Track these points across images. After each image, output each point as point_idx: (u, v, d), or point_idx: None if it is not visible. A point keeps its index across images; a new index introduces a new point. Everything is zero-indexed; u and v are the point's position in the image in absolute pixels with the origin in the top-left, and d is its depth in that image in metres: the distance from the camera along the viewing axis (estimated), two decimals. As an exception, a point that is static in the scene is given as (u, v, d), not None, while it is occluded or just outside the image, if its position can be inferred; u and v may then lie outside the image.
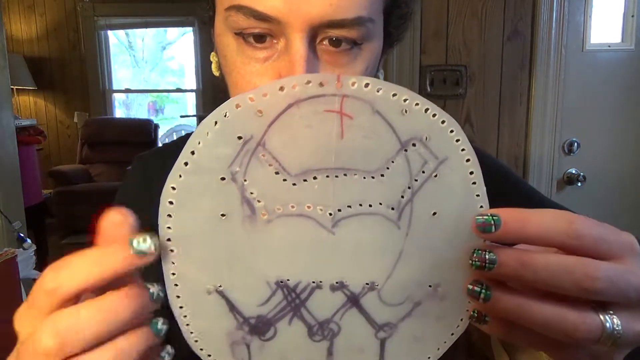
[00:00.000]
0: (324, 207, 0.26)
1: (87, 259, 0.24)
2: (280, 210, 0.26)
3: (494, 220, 0.24)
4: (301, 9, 0.35)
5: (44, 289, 0.24)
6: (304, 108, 0.24)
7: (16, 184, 1.98)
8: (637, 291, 0.25)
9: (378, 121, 0.25)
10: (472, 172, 0.26)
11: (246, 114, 0.24)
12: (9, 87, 2.02)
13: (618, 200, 1.65)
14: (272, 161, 0.25)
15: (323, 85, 0.24)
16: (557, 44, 1.50)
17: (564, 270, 0.23)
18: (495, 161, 0.58)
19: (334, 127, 0.25)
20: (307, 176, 0.26)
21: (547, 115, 1.53)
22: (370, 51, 0.40)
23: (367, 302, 0.28)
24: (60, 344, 0.23)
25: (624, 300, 0.25)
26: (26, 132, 2.44)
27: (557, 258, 0.24)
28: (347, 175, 0.26)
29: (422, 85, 1.53)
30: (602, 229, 0.25)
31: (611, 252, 0.25)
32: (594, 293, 0.24)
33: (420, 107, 0.25)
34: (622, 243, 0.25)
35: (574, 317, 0.24)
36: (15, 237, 1.84)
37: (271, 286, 0.27)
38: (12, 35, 4.17)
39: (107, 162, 4.11)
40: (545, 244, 0.25)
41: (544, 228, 0.24)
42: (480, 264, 0.25)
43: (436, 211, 0.26)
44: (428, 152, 0.26)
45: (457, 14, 1.50)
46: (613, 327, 0.24)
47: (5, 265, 0.70)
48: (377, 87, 0.25)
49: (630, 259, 0.25)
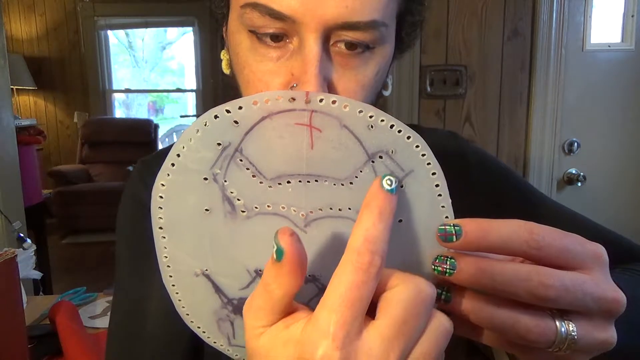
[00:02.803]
0: (297, 209, 0.29)
1: (373, 219, 0.23)
2: (257, 209, 0.29)
3: (455, 230, 0.26)
4: (317, 10, 0.35)
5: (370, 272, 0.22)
6: (276, 121, 0.27)
7: (16, 184, 1.99)
8: (596, 301, 0.26)
9: (346, 134, 0.27)
10: (437, 184, 0.28)
11: (224, 123, 0.27)
12: (9, 87, 2.02)
13: (618, 200, 1.65)
14: (249, 165, 0.28)
15: (293, 100, 0.27)
16: (557, 44, 1.50)
17: (519, 278, 0.25)
18: (495, 162, 0.57)
19: (304, 139, 0.27)
20: (281, 180, 0.28)
21: (547, 115, 1.53)
22: (382, 55, 0.40)
23: None
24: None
25: (582, 309, 0.26)
26: (26, 132, 2.44)
27: (513, 266, 0.25)
28: (318, 181, 0.28)
29: (422, 85, 1.53)
30: (567, 239, 0.26)
31: (575, 262, 0.26)
32: (547, 301, 0.25)
33: (385, 123, 0.27)
34: (587, 253, 0.26)
35: (527, 321, 0.26)
36: (15, 237, 1.84)
37: (251, 274, 0.31)
38: (12, 35, 4.18)
39: (107, 162, 4.11)
40: (507, 254, 0.27)
41: (504, 238, 0.25)
42: (441, 270, 0.26)
43: (402, 219, 0.28)
44: (394, 164, 0.27)
45: (457, 14, 1.50)
46: (567, 333, 0.26)
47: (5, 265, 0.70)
48: (343, 103, 0.27)
49: (595, 269, 0.27)
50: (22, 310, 0.76)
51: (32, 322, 1.05)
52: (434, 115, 1.55)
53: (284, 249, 0.23)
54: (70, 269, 3.33)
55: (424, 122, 1.55)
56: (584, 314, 0.26)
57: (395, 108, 1.53)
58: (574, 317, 0.26)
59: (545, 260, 0.26)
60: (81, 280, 2.93)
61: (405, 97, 1.53)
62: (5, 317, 0.72)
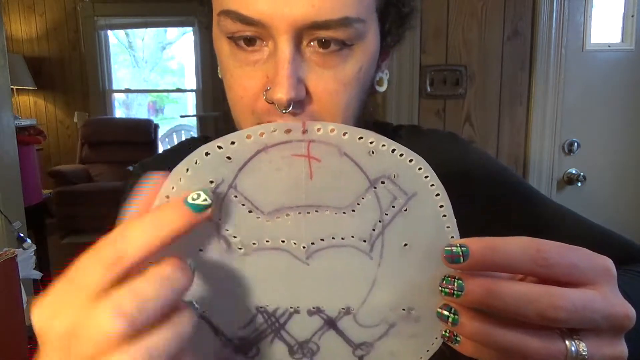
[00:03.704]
0: (297, 241, 0.28)
1: (145, 223, 0.23)
2: (255, 245, 0.28)
3: (462, 251, 0.25)
4: (284, 12, 0.36)
5: (105, 262, 0.22)
6: (272, 153, 0.26)
7: (16, 184, 1.98)
8: (605, 318, 0.25)
9: (346, 162, 0.26)
10: (442, 205, 0.28)
11: (216, 160, 0.26)
12: (9, 87, 2.02)
13: (618, 200, 1.65)
14: (244, 201, 0.27)
15: (289, 132, 0.26)
16: (557, 44, 1.50)
17: (529, 300, 0.24)
18: (495, 163, 0.57)
19: (303, 169, 0.26)
20: (279, 214, 0.27)
21: (547, 115, 1.53)
22: (362, 51, 0.40)
23: (343, 325, 0.30)
24: (129, 324, 0.21)
25: (592, 327, 0.25)
26: (26, 132, 2.44)
27: (522, 287, 0.25)
28: (319, 211, 0.27)
29: (422, 85, 1.53)
30: (575, 255, 0.26)
31: (583, 278, 0.26)
32: (557, 322, 0.24)
33: (387, 148, 0.27)
34: (595, 269, 0.26)
35: (537, 344, 0.25)
36: (15, 237, 1.84)
37: (251, 311, 0.30)
38: (12, 35, 4.17)
39: (107, 162, 4.11)
40: (515, 272, 0.26)
41: (512, 257, 0.25)
42: (449, 292, 0.26)
43: (407, 243, 0.28)
44: (397, 189, 0.27)
45: (457, 14, 1.50)
46: (578, 352, 0.25)
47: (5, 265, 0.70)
48: (342, 131, 0.26)
49: (604, 284, 0.26)
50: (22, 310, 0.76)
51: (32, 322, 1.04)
52: (434, 115, 1.55)
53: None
54: (70, 269, 3.32)
55: (424, 122, 1.55)
56: (592, 332, 0.26)
57: (395, 108, 1.53)
58: (584, 335, 0.26)
59: (552, 278, 0.25)
60: (81, 280, 2.91)
61: (405, 97, 1.53)
62: (5, 317, 0.72)
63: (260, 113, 0.41)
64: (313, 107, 0.40)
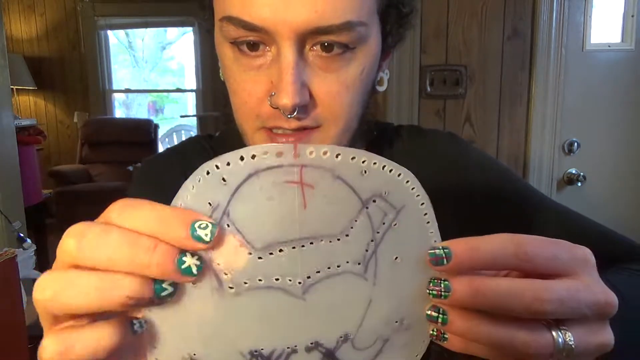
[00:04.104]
0: (293, 278, 0.27)
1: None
2: (247, 284, 0.26)
3: (445, 253, 0.26)
4: (287, 18, 0.36)
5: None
6: (263, 178, 0.25)
7: (16, 184, 1.98)
8: (590, 307, 0.26)
9: (339, 186, 0.26)
10: (425, 213, 0.28)
11: (213, 181, 0.25)
12: (9, 87, 2.02)
13: (618, 200, 1.65)
14: (236, 232, 0.25)
15: (280, 155, 0.25)
16: (557, 44, 1.50)
17: (514, 295, 0.25)
18: (494, 163, 0.57)
19: (296, 198, 0.25)
20: (272, 249, 0.26)
21: (547, 115, 1.53)
22: (365, 54, 0.40)
23: (342, 354, 0.29)
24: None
25: (577, 316, 0.26)
26: (26, 132, 2.44)
27: (507, 283, 0.25)
28: (314, 243, 0.26)
29: (422, 85, 1.53)
30: (554, 247, 0.26)
31: (565, 269, 0.26)
32: (544, 314, 0.25)
33: (378, 165, 0.26)
34: (575, 259, 0.27)
35: (524, 336, 0.26)
36: (15, 237, 1.84)
37: (245, 356, 0.28)
38: (12, 35, 4.17)
39: (107, 162, 4.11)
40: (499, 269, 0.27)
41: (493, 254, 0.25)
42: (436, 294, 0.26)
43: (397, 256, 0.28)
44: (388, 205, 0.27)
45: (457, 14, 1.50)
46: (565, 342, 0.26)
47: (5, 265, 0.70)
48: (335, 153, 0.25)
49: (585, 274, 0.27)
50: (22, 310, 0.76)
51: (32, 322, 1.04)
52: (434, 115, 1.55)
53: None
54: (70, 269, 3.32)
55: (424, 122, 1.55)
56: (578, 321, 0.27)
57: (395, 108, 1.53)
58: (570, 325, 0.26)
59: (535, 271, 0.26)
60: (81, 280, 2.91)
61: (405, 97, 1.53)
62: (5, 317, 0.72)
63: (264, 117, 0.41)
64: (317, 111, 0.40)
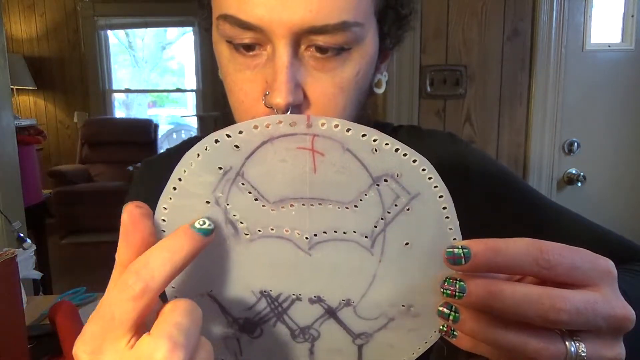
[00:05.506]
0: (300, 232, 0.29)
1: (163, 251, 0.25)
2: (260, 232, 0.29)
3: (464, 253, 0.25)
4: (282, 17, 0.36)
5: (132, 295, 0.24)
6: (277, 145, 0.27)
7: (16, 184, 1.98)
8: (606, 320, 0.25)
9: (349, 158, 0.27)
10: (445, 207, 0.28)
11: (225, 148, 0.27)
12: (9, 87, 2.02)
13: (618, 200, 1.65)
14: (251, 189, 0.28)
15: (294, 125, 0.26)
16: (557, 44, 1.50)
17: (530, 302, 0.24)
18: (494, 164, 0.57)
19: (307, 163, 0.27)
20: (284, 204, 0.28)
21: (547, 115, 1.53)
22: (361, 55, 0.40)
23: (343, 315, 0.31)
24: (186, 355, 0.23)
25: (592, 328, 0.25)
26: (26, 132, 2.44)
27: (524, 289, 0.25)
28: (322, 204, 0.28)
29: (422, 85, 1.53)
30: (576, 256, 0.25)
31: (585, 279, 0.26)
32: (559, 324, 0.24)
33: (390, 147, 0.27)
34: (597, 270, 0.26)
35: (537, 344, 0.25)
36: (15, 237, 1.84)
37: (256, 294, 0.31)
38: (12, 35, 4.17)
39: (107, 162, 4.11)
40: (517, 273, 0.26)
41: (514, 259, 0.25)
42: (450, 293, 0.26)
43: (409, 242, 0.29)
44: (400, 188, 0.27)
45: (457, 14, 1.50)
46: (577, 353, 0.25)
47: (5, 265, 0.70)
48: (346, 127, 0.26)
49: (605, 286, 0.26)
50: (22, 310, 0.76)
51: (32, 322, 1.04)
52: (434, 116, 1.55)
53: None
54: (70, 269, 3.32)
55: (424, 122, 1.55)
56: (593, 333, 0.26)
57: (395, 108, 1.53)
58: (584, 336, 0.26)
59: (554, 279, 0.25)
60: (81, 280, 2.93)
61: (405, 97, 1.53)
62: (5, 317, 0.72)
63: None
64: (311, 111, 0.40)
